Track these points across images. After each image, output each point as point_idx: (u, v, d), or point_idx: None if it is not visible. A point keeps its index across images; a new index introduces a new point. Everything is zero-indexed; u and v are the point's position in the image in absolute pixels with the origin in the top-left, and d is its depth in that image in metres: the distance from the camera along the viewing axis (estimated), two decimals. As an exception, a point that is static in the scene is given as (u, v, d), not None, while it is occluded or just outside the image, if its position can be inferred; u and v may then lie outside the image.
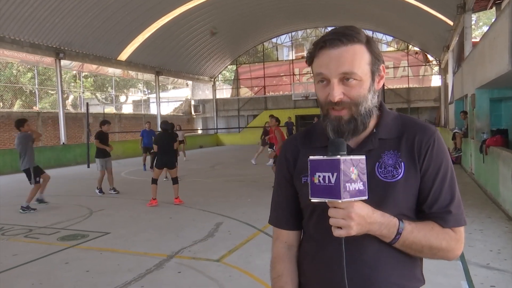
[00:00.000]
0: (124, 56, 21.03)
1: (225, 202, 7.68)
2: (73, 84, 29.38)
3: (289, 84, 28.08)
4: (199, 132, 29.76)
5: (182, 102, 30.75)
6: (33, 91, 21.73)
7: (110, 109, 27.48)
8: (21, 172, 7.57)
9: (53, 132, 18.20)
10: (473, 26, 21.07)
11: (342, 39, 1.05)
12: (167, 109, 29.58)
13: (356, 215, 0.96)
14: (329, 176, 0.93)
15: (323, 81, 1.08)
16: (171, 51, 23.27)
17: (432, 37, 21.08)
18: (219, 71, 30.29)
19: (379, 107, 1.16)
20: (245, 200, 7.84)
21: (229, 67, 30.83)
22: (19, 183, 7.44)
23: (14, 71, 25.38)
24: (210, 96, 30.57)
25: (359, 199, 0.95)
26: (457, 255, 1.11)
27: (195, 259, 4.47)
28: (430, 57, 25.59)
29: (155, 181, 7.55)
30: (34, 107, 20.34)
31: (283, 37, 28.84)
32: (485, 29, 20.26)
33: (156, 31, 20.46)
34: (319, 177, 0.95)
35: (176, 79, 28.33)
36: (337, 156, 0.94)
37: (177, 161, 8.03)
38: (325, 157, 0.95)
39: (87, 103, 17.70)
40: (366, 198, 0.96)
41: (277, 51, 29.86)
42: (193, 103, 30.65)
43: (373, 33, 24.88)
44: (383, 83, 1.16)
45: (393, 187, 1.08)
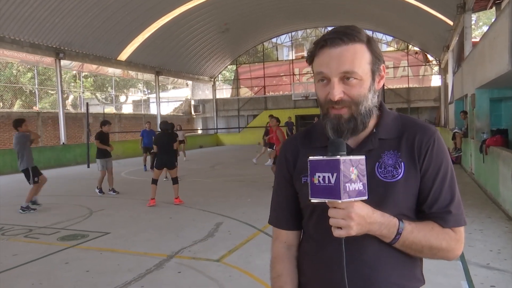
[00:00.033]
0: (124, 56, 21.03)
1: (225, 202, 7.69)
2: (73, 84, 29.37)
3: (289, 84, 28.07)
4: (199, 132, 29.77)
5: (182, 102, 30.75)
6: (33, 91, 21.73)
7: (110, 109, 27.48)
8: (21, 172, 7.53)
9: (53, 132, 18.21)
10: (473, 26, 21.07)
11: (343, 38, 1.05)
12: (167, 109, 29.58)
13: (356, 215, 0.96)
14: (329, 176, 0.93)
15: (324, 80, 1.08)
16: (171, 51, 23.27)
17: (432, 37, 21.08)
18: (219, 71, 30.30)
19: (379, 107, 1.16)
20: (245, 200, 7.84)
21: (229, 67, 30.83)
22: (19, 183, 7.44)
23: (14, 71, 25.37)
24: (210, 96, 30.57)
25: (359, 199, 0.95)
26: (457, 255, 1.11)
27: (195, 259, 4.47)
28: (430, 57, 25.59)
29: (155, 182, 7.56)
30: (34, 107, 20.34)
31: (283, 37, 28.84)
32: (485, 29, 20.24)
33: (156, 31, 20.47)
34: (319, 177, 0.94)
35: (176, 79, 28.33)
36: (337, 156, 0.94)
37: (177, 161, 8.03)
38: (324, 158, 0.95)
39: (87, 103, 17.71)
40: (366, 198, 0.96)
41: (277, 51, 29.86)
42: (193, 103, 30.65)
43: (373, 33, 24.86)
44: (383, 83, 1.16)
45: (393, 187, 1.07)
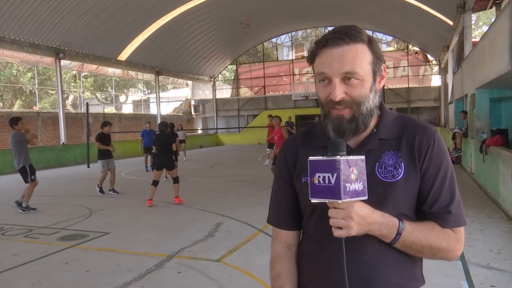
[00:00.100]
0: (124, 56, 21.03)
1: (225, 202, 7.68)
2: (73, 84, 29.37)
3: (289, 84, 28.07)
4: (199, 132, 29.77)
5: (182, 102, 30.75)
6: (33, 91, 21.73)
7: (110, 109, 27.48)
8: (18, 171, 7.44)
9: (53, 132, 18.21)
10: (473, 26, 21.08)
11: (344, 38, 1.04)
12: (167, 109, 29.58)
13: (356, 215, 0.96)
14: (329, 176, 0.93)
15: (325, 80, 1.08)
16: (171, 51, 23.27)
17: (432, 37, 21.08)
18: (219, 71, 30.30)
19: (379, 107, 1.16)
20: (245, 200, 7.84)
21: (229, 67, 30.82)
22: (19, 183, 7.43)
23: (14, 71, 25.38)
24: (210, 96, 30.57)
25: (359, 199, 0.95)
26: (457, 256, 1.11)
27: (195, 259, 4.47)
28: (430, 57, 25.59)
29: (154, 183, 7.54)
30: (34, 107, 20.34)
31: (283, 37, 28.84)
32: (485, 29, 20.24)
33: (156, 31, 20.47)
34: (319, 177, 0.94)
35: (176, 79, 28.33)
36: (337, 156, 0.94)
37: (177, 161, 8.02)
38: (324, 158, 0.95)
39: (87, 103, 17.72)
40: (366, 198, 0.96)
41: (277, 51, 29.85)
42: (193, 103, 30.65)
43: (373, 33, 24.86)
44: (384, 83, 1.16)
45: (393, 187, 1.07)
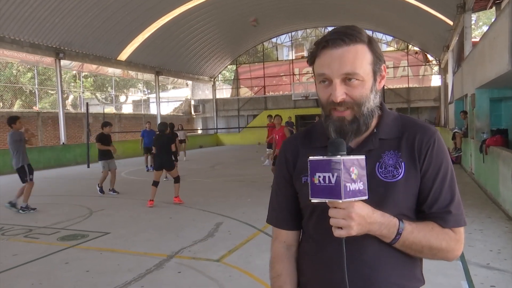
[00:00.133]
0: (124, 56, 21.03)
1: (225, 202, 7.68)
2: (73, 84, 29.38)
3: (289, 84, 28.07)
4: (199, 132, 29.77)
5: (182, 102, 30.75)
6: (33, 91, 21.73)
7: (110, 109, 27.49)
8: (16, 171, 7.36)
9: (53, 132, 18.21)
10: (473, 26, 21.07)
11: (344, 39, 1.04)
12: (167, 109, 29.58)
13: (356, 215, 0.96)
14: (329, 176, 0.93)
15: (325, 81, 1.08)
16: (171, 51, 23.27)
17: (432, 37, 21.08)
18: (219, 71, 30.30)
19: (380, 107, 1.16)
20: (245, 200, 7.84)
21: (229, 67, 30.82)
22: (19, 183, 7.43)
23: (14, 71, 25.38)
24: (210, 96, 30.56)
25: (359, 199, 0.95)
26: (457, 256, 1.11)
27: (195, 259, 4.47)
28: (430, 57, 25.59)
29: (155, 184, 7.53)
30: (34, 107, 20.34)
31: (283, 37, 28.84)
32: (485, 29, 20.24)
33: (156, 31, 20.46)
34: (319, 177, 0.94)
35: (176, 79, 28.33)
36: (337, 156, 0.94)
37: (177, 161, 8.01)
38: (325, 157, 0.95)
39: (87, 103, 17.72)
40: (366, 198, 0.96)
41: (277, 51, 29.85)
42: (193, 103, 30.65)
43: (373, 33, 24.85)
44: (384, 83, 1.16)
45: (393, 187, 1.07)
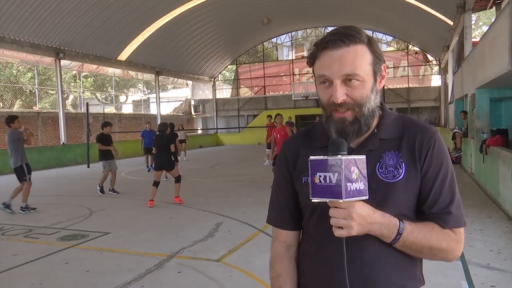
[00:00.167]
0: (124, 56, 21.03)
1: (225, 202, 7.68)
2: (73, 84, 29.38)
3: (289, 84, 28.07)
4: (199, 132, 29.77)
5: (182, 102, 30.75)
6: (33, 91, 21.74)
7: (110, 109, 27.49)
8: (14, 171, 7.30)
9: (53, 132, 18.21)
10: (473, 26, 21.08)
11: (344, 39, 1.04)
12: (167, 109, 29.58)
13: (357, 215, 0.96)
14: (330, 176, 0.93)
15: (326, 82, 1.08)
16: (171, 51, 23.27)
17: (432, 37, 21.08)
18: (219, 71, 30.30)
19: (380, 107, 1.16)
20: (245, 200, 7.83)
21: (229, 67, 30.83)
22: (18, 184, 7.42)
23: (14, 71, 25.38)
24: (210, 96, 30.57)
25: (360, 199, 0.95)
26: (457, 256, 1.11)
27: (195, 259, 4.47)
28: (430, 57, 25.59)
29: (155, 184, 7.54)
30: (34, 107, 20.34)
31: (283, 37, 28.84)
32: (485, 29, 20.24)
33: (156, 31, 20.47)
34: (320, 177, 0.94)
35: (176, 79, 28.33)
36: (338, 156, 0.94)
37: (177, 161, 8.01)
38: (325, 157, 0.95)
39: (87, 103, 17.72)
40: (366, 198, 0.96)
41: (277, 51, 29.85)
42: (193, 103, 30.65)
43: (373, 33, 24.85)
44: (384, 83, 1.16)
45: (393, 188, 1.07)
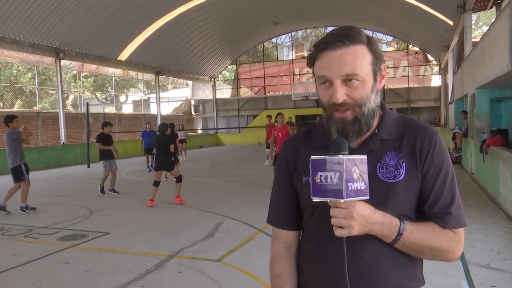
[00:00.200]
0: (124, 56, 21.03)
1: (225, 202, 7.68)
2: (73, 84, 29.38)
3: (289, 84, 28.07)
4: (199, 132, 29.77)
5: (182, 102, 30.76)
6: (33, 91, 21.74)
7: (110, 109, 27.49)
8: (13, 170, 7.24)
9: (53, 132, 18.21)
10: (473, 26, 21.08)
11: (343, 40, 1.04)
12: (167, 109, 29.59)
13: (358, 215, 0.96)
14: (331, 175, 0.93)
15: (326, 83, 1.08)
16: (171, 51, 23.27)
17: (432, 37, 21.07)
18: (219, 71, 30.30)
19: (381, 107, 1.16)
20: (245, 200, 7.83)
21: (229, 67, 30.83)
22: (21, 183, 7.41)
23: (14, 71, 25.37)
24: (210, 96, 30.57)
25: (360, 199, 0.95)
26: (457, 257, 1.11)
27: (195, 259, 4.47)
28: (430, 57, 25.59)
29: (155, 184, 7.54)
30: (34, 107, 20.34)
31: (283, 37, 28.84)
32: (485, 29, 20.26)
33: (156, 31, 20.46)
34: (321, 176, 0.94)
35: (176, 79, 28.33)
36: (339, 155, 0.94)
37: (177, 161, 8.00)
38: (327, 157, 0.95)
39: (87, 103, 17.70)
40: (367, 198, 0.96)
41: (277, 51, 29.85)
42: (193, 103, 30.65)
43: (373, 33, 24.86)
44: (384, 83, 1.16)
45: (394, 188, 1.07)
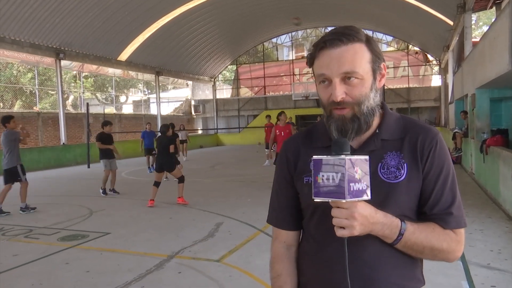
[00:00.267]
0: (124, 56, 21.03)
1: (225, 202, 7.68)
2: (73, 84, 29.38)
3: (289, 84, 28.07)
4: (199, 132, 29.77)
5: (182, 102, 30.76)
6: (33, 92, 21.74)
7: (110, 109, 27.49)
8: (9, 170, 7.11)
9: (53, 132, 18.20)
10: (473, 26, 21.08)
11: (342, 38, 1.05)
12: (167, 109, 29.59)
13: (359, 215, 0.96)
14: (333, 175, 0.93)
15: (325, 81, 1.08)
16: (171, 51, 23.27)
17: (432, 37, 21.07)
18: (219, 71, 30.30)
19: (382, 107, 1.16)
20: (245, 200, 7.83)
21: (229, 67, 30.83)
22: (19, 184, 7.41)
23: (14, 72, 25.37)
24: (210, 96, 30.57)
25: (362, 199, 0.95)
26: (458, 257, 1.11)
27: (195, 259, 4.47)
28: (430, 57, 25.58)
29: (156, 184, 7.54)
30: (34, 108, 20.34)
31: (283, 37, 28.84)
32: (485, 29, 20.26)
33: (156, 31, 20.46)
34: (323, 176, 0.94)
35: (176, 79, 28.33)
36: (341, 155, 0.94)
37: (178, 162, 7.99)
38: (329, 157, 0.95)
39: (87, 103, 17.71)
40: (369, 198, 0.96)
41: (277, 51, 29.85)
42: (193, 103, 30.65)
43: (373, 33, 24.85)
44: (384, 82, 1.16)
45: (395, 188, 1.07)
